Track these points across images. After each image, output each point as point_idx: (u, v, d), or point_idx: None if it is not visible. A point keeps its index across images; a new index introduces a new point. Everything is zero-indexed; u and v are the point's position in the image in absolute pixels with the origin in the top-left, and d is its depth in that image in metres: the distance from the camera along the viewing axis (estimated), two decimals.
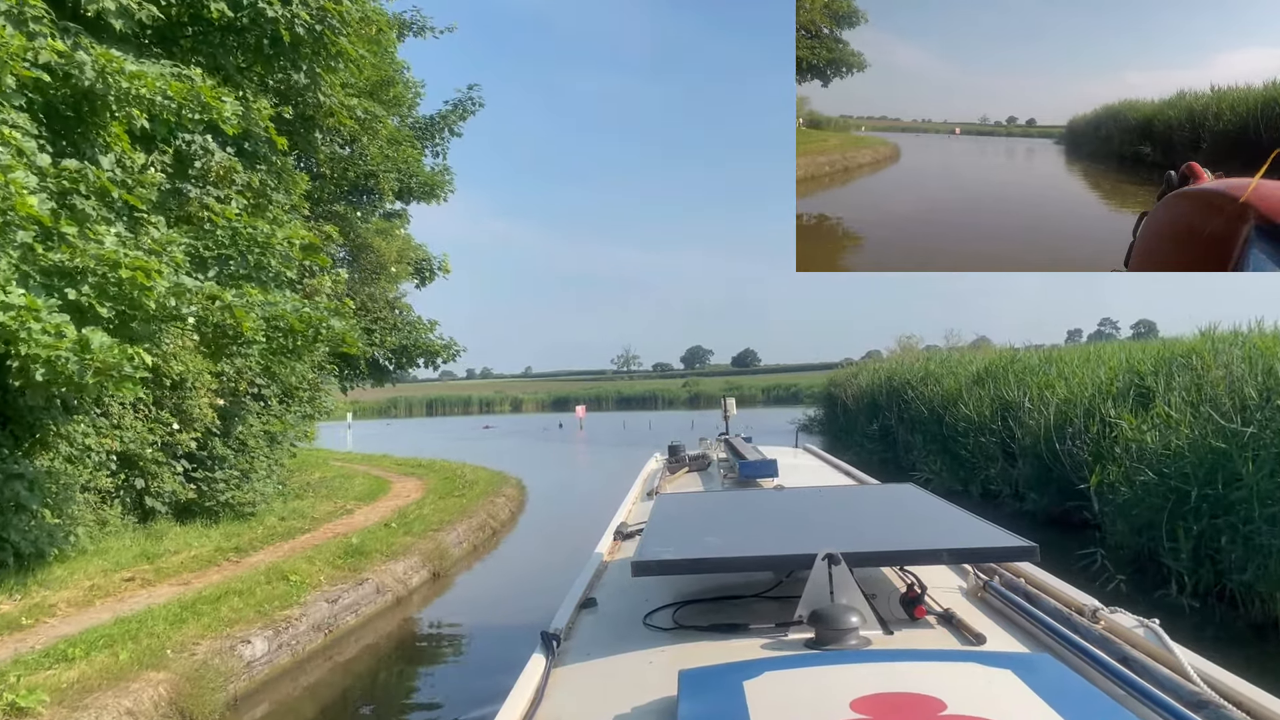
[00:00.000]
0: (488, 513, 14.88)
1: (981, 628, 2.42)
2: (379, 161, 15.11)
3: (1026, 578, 2.86)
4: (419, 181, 15.81)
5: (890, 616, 2.46)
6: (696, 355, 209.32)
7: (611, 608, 2.92)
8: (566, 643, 2.59)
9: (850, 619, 2.23)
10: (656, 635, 2.52)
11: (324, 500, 15.93)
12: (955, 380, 21.07)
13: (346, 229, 15.19)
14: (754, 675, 1.88)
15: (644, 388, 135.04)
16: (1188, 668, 2.05)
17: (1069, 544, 12.81)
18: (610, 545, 3.94)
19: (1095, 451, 12.41)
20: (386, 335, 18.64)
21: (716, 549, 2.68)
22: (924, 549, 2.69)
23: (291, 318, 8.68)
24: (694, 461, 6.35)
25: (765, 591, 2.72)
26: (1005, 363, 19.28)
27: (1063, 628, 2.35)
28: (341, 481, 19.55)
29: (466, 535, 13.18)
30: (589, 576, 3.33)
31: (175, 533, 12.52)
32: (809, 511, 3.52)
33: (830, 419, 36.93)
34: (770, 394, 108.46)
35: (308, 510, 14.48)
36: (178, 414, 12.84)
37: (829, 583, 2.37)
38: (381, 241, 15.13)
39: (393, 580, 9.93)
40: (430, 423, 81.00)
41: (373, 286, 15.75)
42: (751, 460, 5.48)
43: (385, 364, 19.04)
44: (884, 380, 26.30)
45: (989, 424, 16.97)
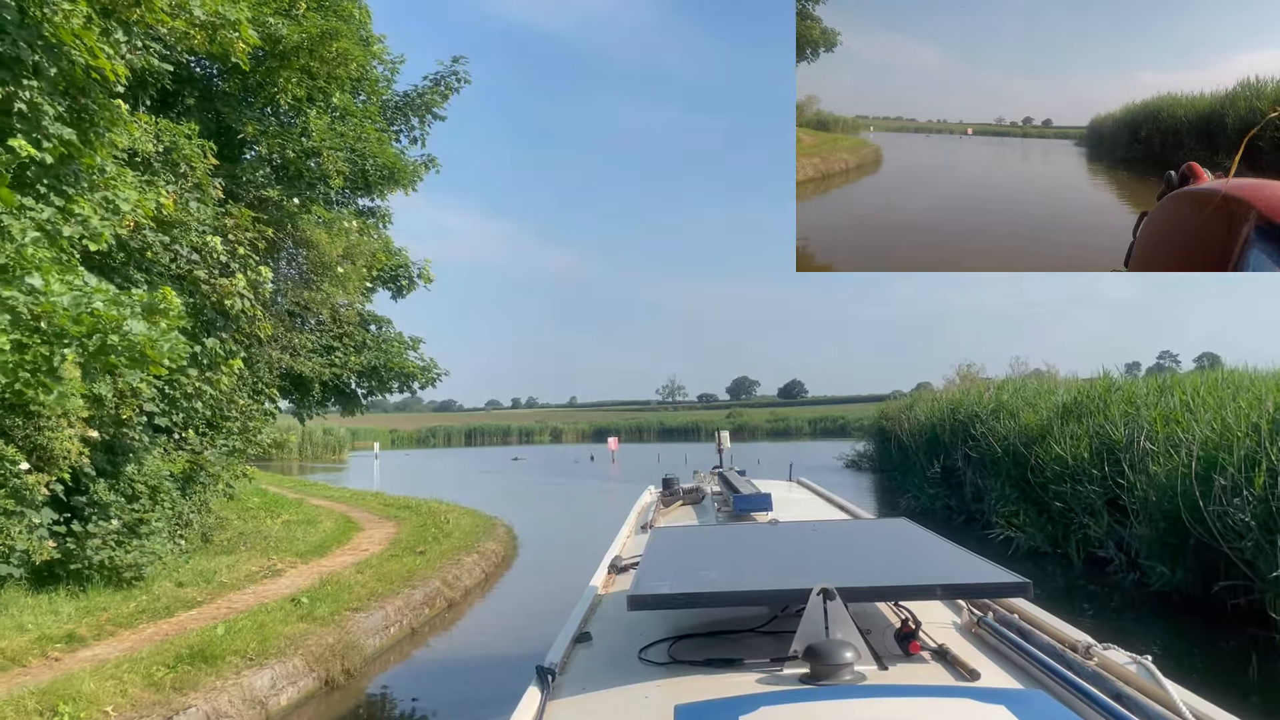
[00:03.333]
0: (445, 579, 11.67)
1: (976, 664, 2.42)
2: (324, 137, 12.13)
3: (1020, 613, 2.86)
4: (377, 165, 12.83)
5: (885, 652, 2.45)
6: (742, 386, 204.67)
7: (607, 642, 2.91)
8: (561, 677, 2.58)
9: (845, 654, 2.23)
10: (652, 670, 2.51)
11: (255, 556, 12.86)
12: (1036, 414, 17.50)
13: (283, 220, 12.23)
14: (750, 710, 1.88)
15: (687, 419, 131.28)
16: (1180, 705, 2.04)
17: (1221, 641, 9.27)
18: (605, 578, 3.89)
19: (1264, 513, 8.90)
20: (350, 355, 15.64)
21: (712, 583, 2.65)
22: (918, 584, 2.65)
23: (63, 315, 5.60)
24: (688, 495, 6.27)
25: (760, 626, 2.71)
26: (1102, 392, 15.71)
27: (1056, 664, 2.36)
28: (303, 529, 16.51)
29: (402, 614, 9.96)
30: (584, 610, 3.31)
31: (22, 604, 9.53)
32: (804, 546, 3.48)
33: (882, 455, 33.29)
34: (817, 426, 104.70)
35: (221, 572, 11.41)
36: (30, 450, 9.90)
37: (824, 618, 2.35)
38: (324, 235, 12.15)
39: (241, 703, 6.72)
40: (463, 453, 78.18)
41: (314, 291, 12.74)
42: (746, 494, 5.40)
43: (351, 388, 16.00)
44: (946, 412, 22.69)
45: (1087, 468, 13.44)
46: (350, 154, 12.73)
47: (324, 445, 69.27)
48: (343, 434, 73.98)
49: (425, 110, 15.25)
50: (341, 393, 16.13)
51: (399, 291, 16.44)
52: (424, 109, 15.22)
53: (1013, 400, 19.43)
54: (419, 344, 17.41)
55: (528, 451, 75.26)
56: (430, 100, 15.38)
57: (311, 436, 68.85)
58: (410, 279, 16.44)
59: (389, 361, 15.86)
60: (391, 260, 16.20)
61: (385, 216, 17.13)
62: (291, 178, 12.45)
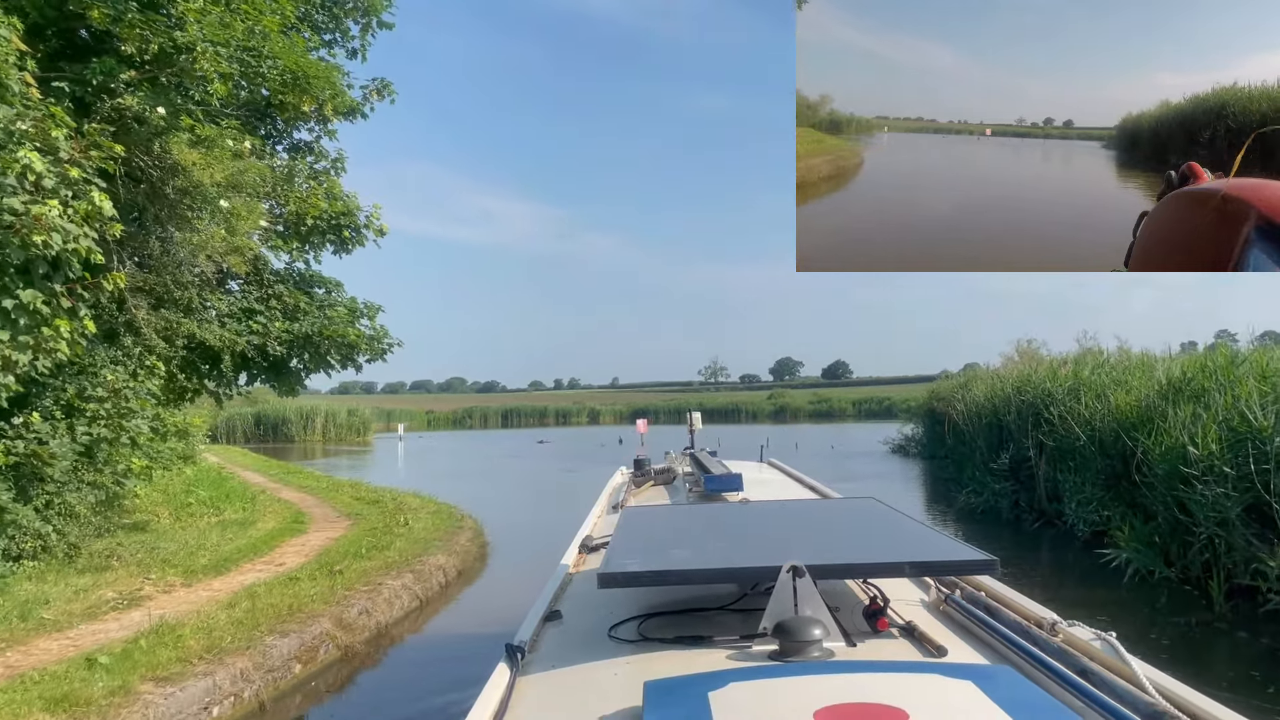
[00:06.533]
0: (344, 617, 8.61)
1: (943, 640, 2.43)
2: (201, 23, 9.09)
3: (987, 591, 2.88)
4: (278, 71, 9.80)
5: (853, 629, 2.48)
6: (786, 367, 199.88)
7: (577, 620, 2.89)
8: (531, 655, 2.56)
9: (814, 631, 2.23)
10: (622, 647, 2.50)
11: (128, 576, 10.02)
12: (1129, 395, 14.08)
13: (148, 138, 9.26)
14: (719, 686, 1.87)
15: (727, 400, 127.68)
16: (1143, 679, 2.07)
17: None
18: (576, 558, 3.88)
19: None
20: (275, 321, 12.67)
21: (682, 561, 2.64)
22: (887, 562, 2.65)
23: None
24: (659, 475, 6.30)
25: (730, 604, 2.73)
26: (1223, 365, 12.27)
27: (1022, 640, 2.38)
28: (231, 532, 13.70)
29: (243, 682, 6.84)
30: (554, 589, 3.28)
31: None
32: (773, 525, 3.50)
33: (932, 440, 29.79)
34: (861, 408, 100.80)
35: (56, 602, 8.59)
36: None
37: (793, 595, 2.33)
38: (195, 156, 9.16)
39: None
40: (495, 436, 75.59)
41: (185, 230, 9.78)
42: (717, 474, 5.43)
43: (284, 361, 13.04)
44: (1010, 392, 19.23)
45: (1217, 464, 10.08)
46: (244, 54, 9.69)
47: (348, 427, 66.83)
48: (367, 414, 71.68)
49: (365, 12, 12.16)
50: (274, 368, 13.20)
51: (342, 245, 13.42)
52: (362, 10, 12.12)
53: (1096, 377, 15.98)
54: (375, 311, 14.43)
55: (562, 434, 72.42)
56: (371, 2, 12.29)
57: (335, 418, 66.61)
58: (355, 230, 13.40)
59: (324, 329, 12.87)
60: (335, 207, 13.19)
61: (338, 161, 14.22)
62: (161, 86, 9.46)
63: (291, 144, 13.68)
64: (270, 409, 64.44)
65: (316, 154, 13.78)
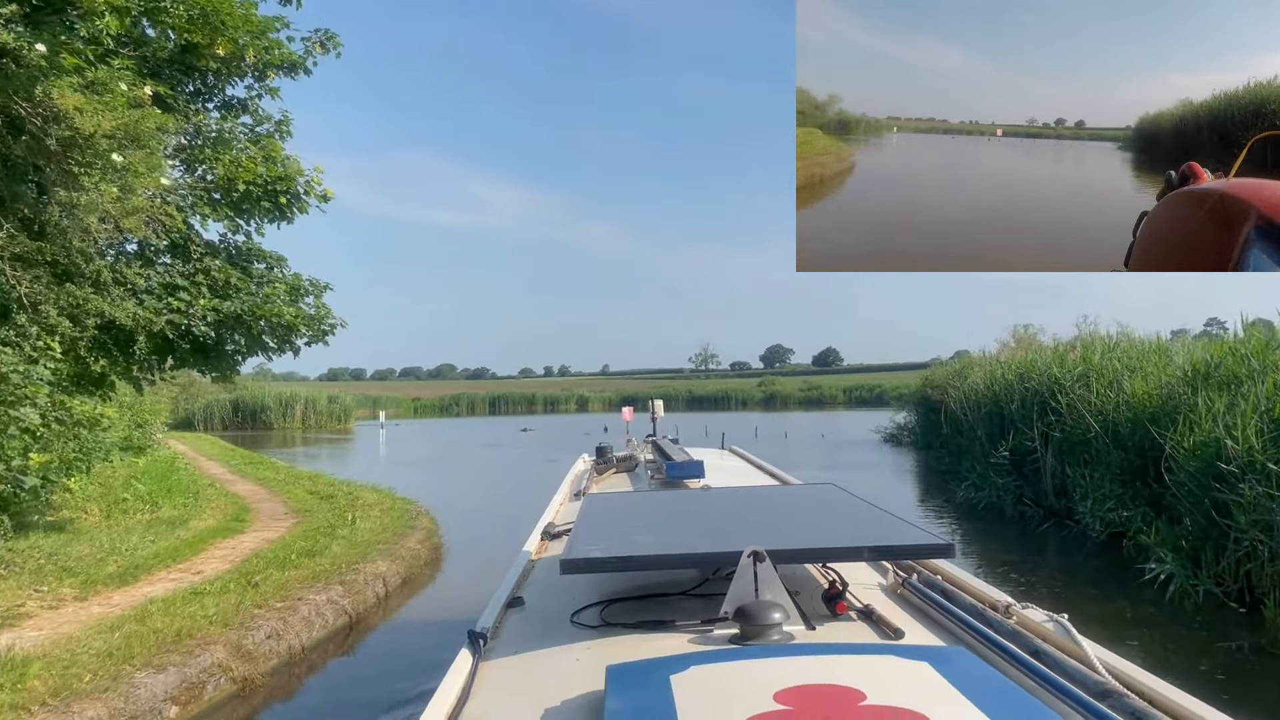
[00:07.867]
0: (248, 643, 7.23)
1: (900, 623, 2.45)
2: None
3: (944, 575, 2.89)
4: (184, 5, 8.42)
5: (813, 612, 2.48)
6: (776, 354, 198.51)
7: (539, 606, 2.88)
8: (493, 641, 2.56)
9: (774, 615, 2.25)
10: (584, 632, 2.50)
11: (17, 588, 8.71)
12: (1146, 382, 12.87)
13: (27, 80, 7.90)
14: (680, 670, 1.87)
15: (717, 387, 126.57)
16: (1094, 659, 2.10)
17: None
18: (538, 545, 3.87)
19: None
20: (200, 298, 11.32)
21: (644, 547, 2.63)
22: (845, 546, 2.66)
23: None
24: (621, 462, 6.29)
25: (691, 589, 2.72)
26: (1257, 350, 11.04)
27: (977, 622, 2.40)
28: (159, 531, 12.40)
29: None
30: (516, 575, 3.28)
31: None
32: (735, 511, 3.51)
33: (926, 429, 28.55)
34: (852, 395, 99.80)
35: None
36: None
37: (754, 580, 2.35)
38: (80, 101, 7.82)
39: None
40: (479, 423, 74.10)
41: (74, 189, 8.44)
42: (678, 461, 5.45)
43: (214, 343, 11.68)
44: (1012, 380, 17.99)
45: (1259, 459, 8.84)
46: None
47: (329, 414, 65.29)
48: (349, 401, 70.19)
49: None
50: (200, 350, 11.84)
51: (279, 213, 12.04)
52: None
53: (1108, 363, 14.75)
54: (321, 290, 13.04)
55: (548, 421, 70.97)
56: None
57: (315, 405, 65.08)
58: (294, 196, 12.03)
59: (257, 308, 11.52)
60: (271, 171, 11.81)
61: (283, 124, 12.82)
62: (42, 19, 8.08)
63: (224, 101, 12.27)
64: (249, 395, 62.91)
65: (254, 114, 12.38)
